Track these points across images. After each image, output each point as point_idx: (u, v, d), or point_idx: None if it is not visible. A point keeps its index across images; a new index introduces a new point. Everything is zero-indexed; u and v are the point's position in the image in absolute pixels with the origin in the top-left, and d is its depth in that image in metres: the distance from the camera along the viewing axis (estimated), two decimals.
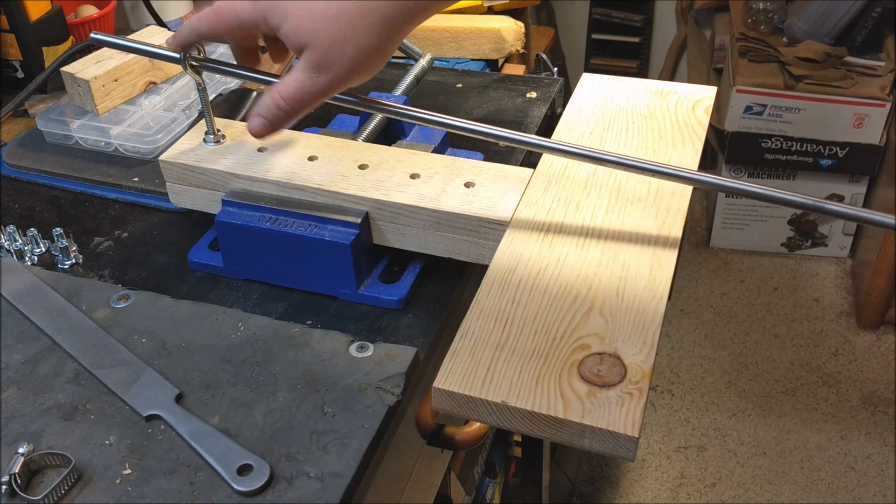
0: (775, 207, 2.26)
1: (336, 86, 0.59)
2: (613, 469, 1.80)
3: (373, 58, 0.59)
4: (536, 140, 0.65)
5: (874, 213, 0.58)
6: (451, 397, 0.53)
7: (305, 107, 0.60)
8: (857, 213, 0.59)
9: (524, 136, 0.65)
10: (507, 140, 0.65)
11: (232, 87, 0.94)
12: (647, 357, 0.53)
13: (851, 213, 0.59)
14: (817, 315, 2.15)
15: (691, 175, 0.63)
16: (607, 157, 0.63)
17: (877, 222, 0.58)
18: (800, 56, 2.04)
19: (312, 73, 0.58)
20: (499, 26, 1.10)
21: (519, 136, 0.65)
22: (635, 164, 0.63)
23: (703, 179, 0.62)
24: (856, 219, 0.60)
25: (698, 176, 0.62)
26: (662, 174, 0.63)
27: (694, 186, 0.66)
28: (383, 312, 0.68)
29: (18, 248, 0.75)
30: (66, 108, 0.90)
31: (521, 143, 0.65)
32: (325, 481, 0.54)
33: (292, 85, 0.59)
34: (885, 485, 1.74)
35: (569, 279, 0.60)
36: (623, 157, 0.63)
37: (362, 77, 0.60)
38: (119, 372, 0.62)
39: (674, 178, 0.63)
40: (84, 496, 0.54)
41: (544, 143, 0.65)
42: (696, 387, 1.97)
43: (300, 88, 0.59)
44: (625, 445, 0.50)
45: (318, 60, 0.58)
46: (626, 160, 0.63)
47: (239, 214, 0.69)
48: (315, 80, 0.59)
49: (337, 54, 0.57)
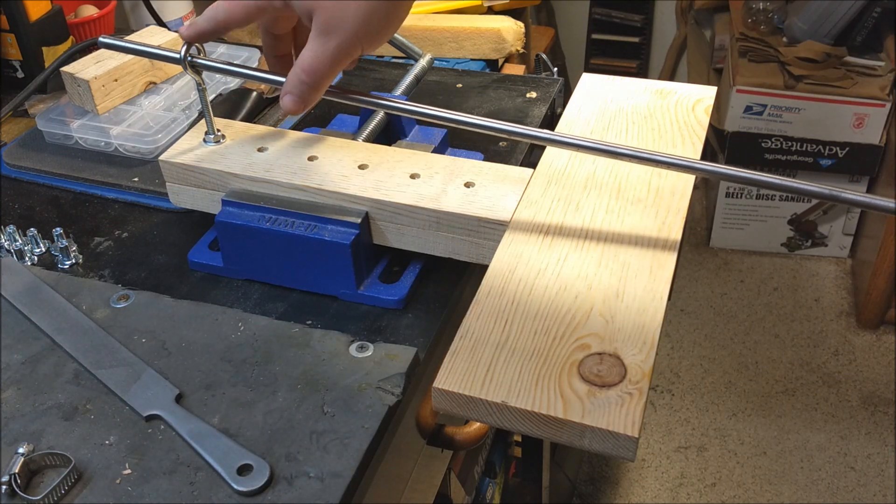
0: (775, 207, 2.26)
1: (346, 49, 0.60)
2: (613, 469, 1.80)
3: (378, 19, 0.59)
4: (541, 133, 0.65)
5: (873, 198, 0.58)
6: (451, 397, 0.53)
7: (324, 76, 0.61)
8: (855, 197, 0.58)
9: (528, 129, 0.65)
10: (509, 133, 0.65)
11: (232, 87, 0.94)
12: (647, 357, 0.53)
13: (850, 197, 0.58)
14: (817, 315, 2.15)
15: (696, 165, 0.62)
16: (614, 148, 0.63)
17: (876, 206, 0.57)
18: (800, 56, 2.04)
19: (322, 38, 0.59)
20: (499, 26, 1.10)
21: (522, 129, 0.65)
22: (642, 156, 0.62)
23: (709, 169, 0.62)
24: (853, 203, 0.59)
25: (704, 165, 0.62)
26: (668, 164, 0.62)
27: (699, 176, 0.65)
28: (383, 312, 0.68)
29: (18, 248, 0.75)
30: (66, 108, 0.90)
31: (525, 136, 0.65)
32: (325, 481, 0.54)
33: (307, 55, 0.60)
34: (885, 485, 1.74)
35: (569, 279, 0.60)
36: (632, 148, 0.62)
37: (371, 41, 0.60)
38: (119, 372, 0.62)
39: (679, 167, 0.62)
40: (84, 496, 0.54)
41: (549, 136, 0.65)
42: (696, 387, 1.97)
43: (314, 57, 0.60)
44: (625, 445, 0.50)
45: (324, 24, 0.59)
46: (634, 152, 0.62)
47: (239, 214, 0.69)
48: (325, 46, 0.59)
49: (341, 15, 0.58)
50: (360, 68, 1.06)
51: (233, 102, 0.90)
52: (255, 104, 0.91)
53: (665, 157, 0.62)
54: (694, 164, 0.62)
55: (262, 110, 0.93)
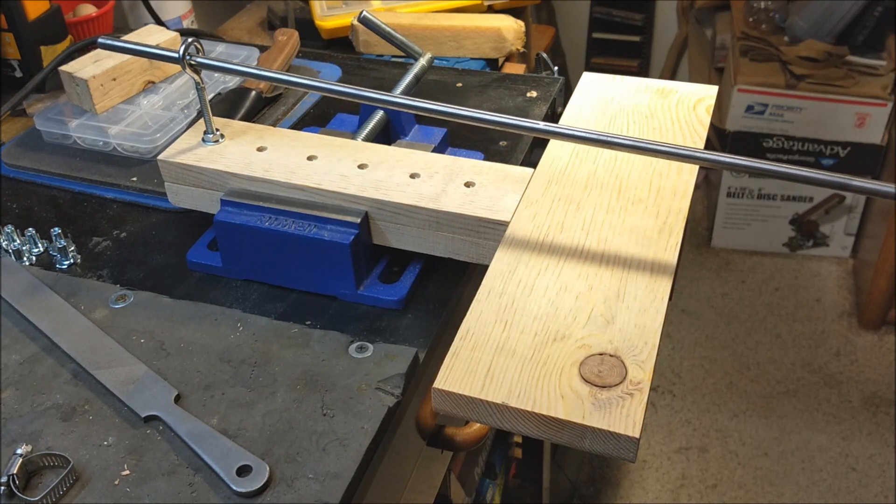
0: (776, 207, 2.25)
1: None
2: (614, 470, 1.80)
3: None
4: (544, 126, 0.64)
5: (871, 183, 0.57)
6: (451, 398, 0.52)
7: None
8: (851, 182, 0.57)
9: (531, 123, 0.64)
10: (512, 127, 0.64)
11: (230, 86, 0.94)
12: (648, 357, 0.53)
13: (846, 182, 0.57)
14: (819, 315, 2.14)
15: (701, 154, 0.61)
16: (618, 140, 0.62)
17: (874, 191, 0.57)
18: (801, 55, 2.04)
19: None
20: (499, 25, 1.09)
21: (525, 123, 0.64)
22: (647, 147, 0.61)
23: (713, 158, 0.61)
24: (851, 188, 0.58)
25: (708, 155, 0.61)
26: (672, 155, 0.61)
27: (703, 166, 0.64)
28: (383, 313, 0.68)
29: (16, 248, 0.75)
30: (65, 107, 0.90)
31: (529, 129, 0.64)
32: (325, 482, 0.54)
33: None
34: (886, 485, 1.74)
35: (569, 279, 0.59)
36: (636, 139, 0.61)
37: None
38: (118, 372, 0.62)
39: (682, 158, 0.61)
40: (82, 497, 0.54)
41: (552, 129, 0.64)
42: (698, 387, 1.97)
43: None
44: (626, 446, 0.49)
45: None
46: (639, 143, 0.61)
47: (238, 214, 0.69)
48: None
49: None
50: (360, 67, 1.05)
51: (231, 101, 0.90)
52: (253, 103, 0.91)
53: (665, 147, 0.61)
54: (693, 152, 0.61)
55: (260, 109, 0.93)
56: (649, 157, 0.69)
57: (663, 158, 0.63)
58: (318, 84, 0.68)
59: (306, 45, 1.10)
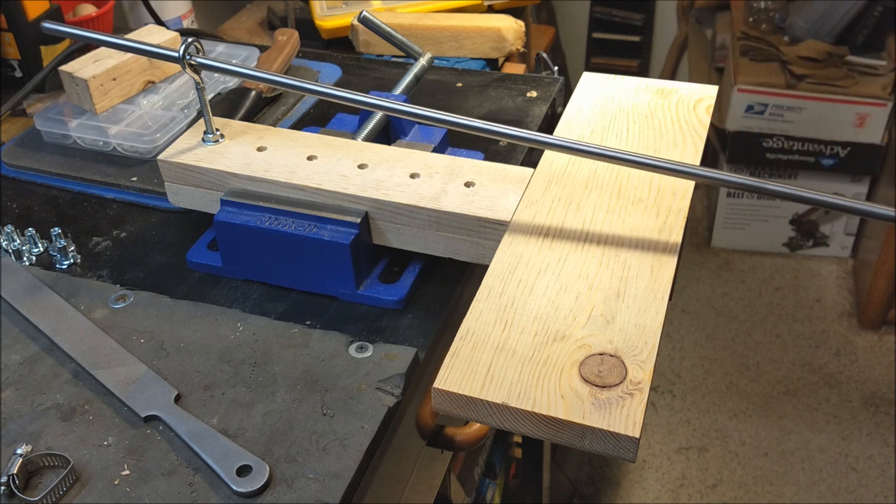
0: (776, 207, 2.25)
1: None
2: (614, 470, 1.80)
3: None
4: (539, 137, 0.65)
5: (873, 206, 0.57)
6: (451, 398, 0.52)
7: None
8: (852, 205, 0.58)
9: (526, 133, 0.65)
10: (508, 137, 0.65)
11: (230, 86, 0.94)
12: (648, 357, 0.53)
13: (851, 206, 0.58)
14: (819, 315, 2.14)
15: (695, 171, 0.62)
16: (613, 153, 0.63)
17: (875, 214, 0.57)
18: (801, 55, 2.04)
19: None
20: (499, 25, 1.09)
21: (521, 133, 0.64)
22: (641, 161, 0.62)
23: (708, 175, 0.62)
24: (855, 211, 0.59)
25: (702, 171, 0.62)
26: (667, 170, 0.62)
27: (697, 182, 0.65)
28: (383, 312, 0.68)
29: (16, 248, 0.75)
30: (65, 107, 0.90)
31: (524, 139, 0.65)
32: (325, 482, 0.54)
33: None
34: (886, 485, 1.74)
35: (569, 279, 0.59)
36: (630, 153, 0.62)
37: None
38: (117, 372, 0.62)
39: (677, 173, 0.63)
40: (82, 497, 0.53)
41: (547, 140, 0.65)
42: (698, 387, 1.97)
43: None
44: (625, 446, 0.49)
45: None
46: (632, 157, 0.62)
47: (238, 214, 0.69)
48: None
49: None
50: (360, 67, 1.05)
51: (231, 101, 0.90)
52: (253, 103, 0.91)
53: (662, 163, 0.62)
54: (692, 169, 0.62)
55: (260, 109, 0.93)
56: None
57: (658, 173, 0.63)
58: (317, 88, 0.68)
59: (306, 45, 1.10)
